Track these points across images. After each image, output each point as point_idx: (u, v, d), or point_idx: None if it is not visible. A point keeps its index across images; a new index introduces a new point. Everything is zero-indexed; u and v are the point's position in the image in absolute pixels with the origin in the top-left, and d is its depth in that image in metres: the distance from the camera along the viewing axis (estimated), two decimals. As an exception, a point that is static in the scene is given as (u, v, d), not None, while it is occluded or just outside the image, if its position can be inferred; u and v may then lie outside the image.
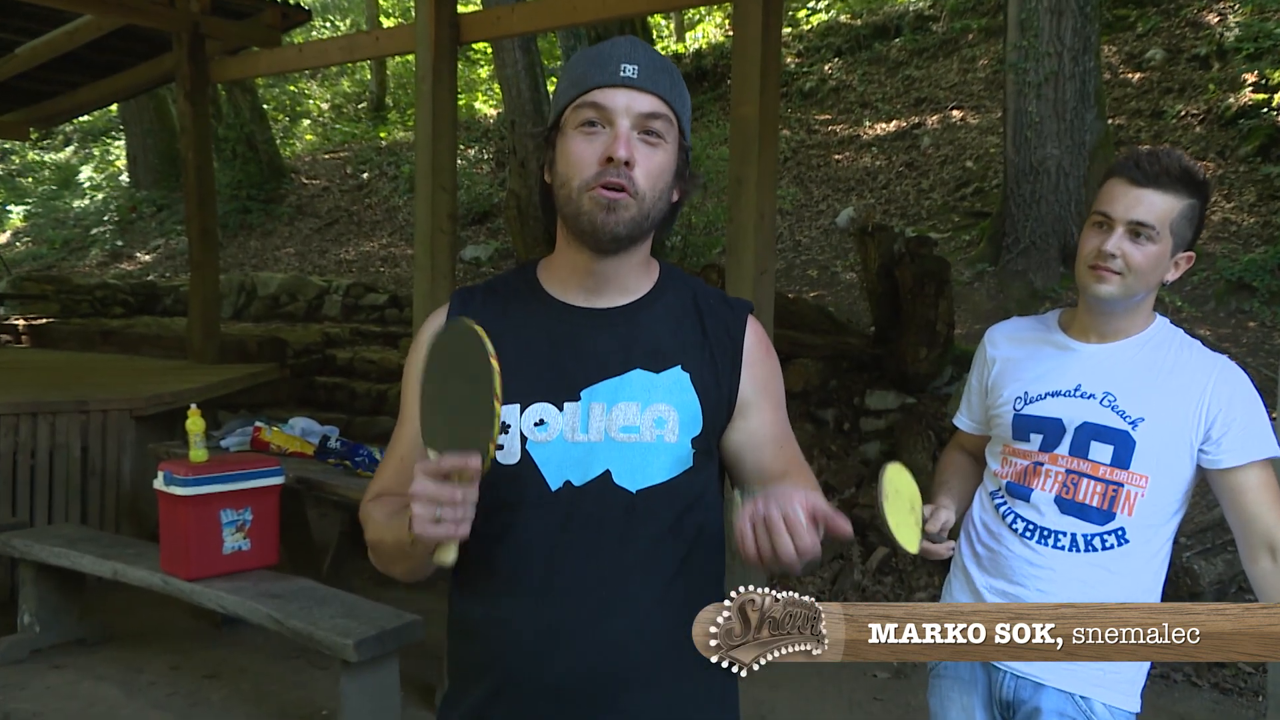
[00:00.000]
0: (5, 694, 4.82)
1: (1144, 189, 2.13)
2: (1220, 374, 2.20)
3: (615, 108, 1.51)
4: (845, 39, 15.12)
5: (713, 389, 1.62)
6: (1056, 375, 2.29)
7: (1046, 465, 2.27)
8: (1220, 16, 11.71)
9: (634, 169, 1.50)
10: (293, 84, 21.15)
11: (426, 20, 7.18)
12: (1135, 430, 2.18)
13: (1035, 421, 2.29)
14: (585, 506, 1.55)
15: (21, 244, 19.49)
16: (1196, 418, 2.17)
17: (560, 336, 1.61)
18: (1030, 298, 9.23)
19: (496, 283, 1.72)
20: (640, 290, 1.66)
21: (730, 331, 1.66)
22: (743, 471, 1.69)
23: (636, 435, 1.56)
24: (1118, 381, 2.22)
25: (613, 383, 1.58)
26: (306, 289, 12.24)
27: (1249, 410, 2.18)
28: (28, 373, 8.02)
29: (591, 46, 1.59)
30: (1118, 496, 2.20)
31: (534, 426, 1.56)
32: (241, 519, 4.68)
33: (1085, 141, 9.39)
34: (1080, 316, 2.32)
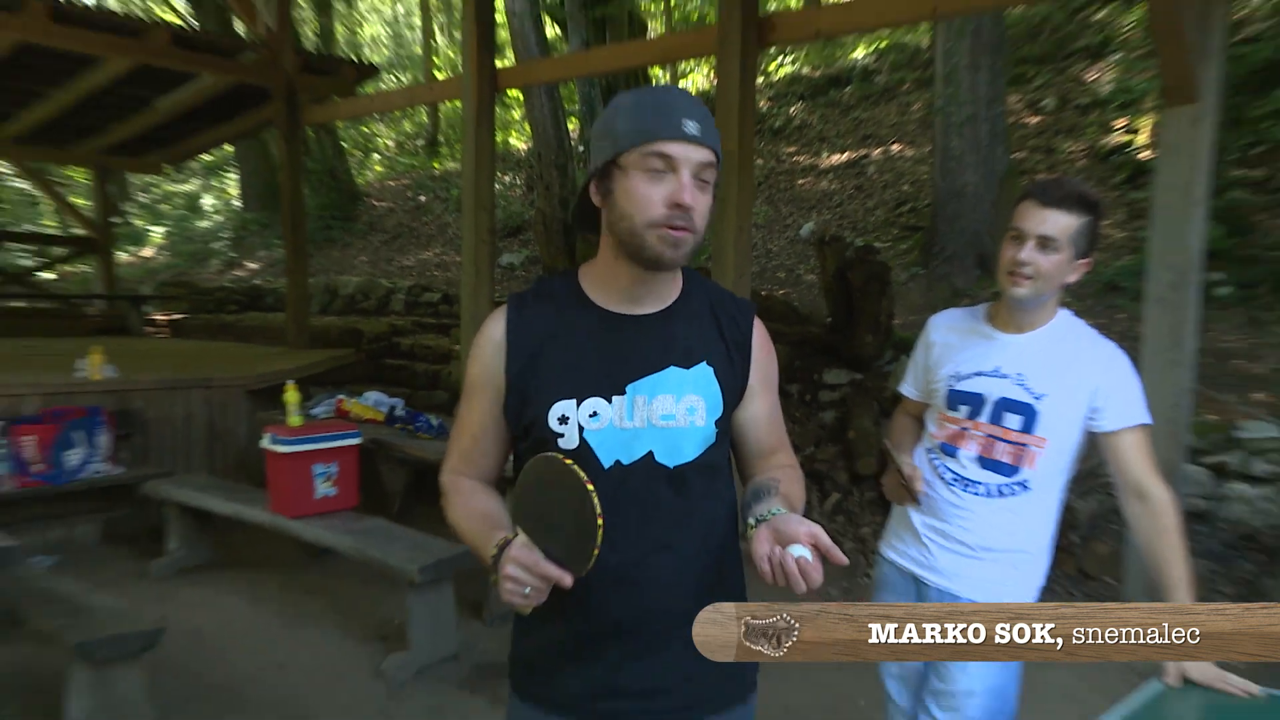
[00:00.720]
0: (160, 603, 4.89)
1: (1049, 209, 2.19)
2: (1107, 358, 2.28)
3: (680, 159, 1.45)
4: (807, 87, 15.10)
5: (730, 379, 1.61)
6: (981, 359, 2.35)
7: (970, 430, 2.33)
8: (1098, 74, 11.82)
9: (694, 212, 1.47)
10: (365, 125, 21.12)
11: (471, 73, 7.22)
12: (1039, 403, 2.25)
13: (964, 395, 2.35)
14: (633, 481, 1.54)
15: (161, 256, 19.57)
16: (1087, 393, 2.24)
17: (607, 340, 1.57)
18: (953, 295, 9.26)
19: (543, 289, 1.65)
20: (670, 298, 1.62)
21: (741, 330, 1.65)
22: (742, 442, 1.68)
23: (673, 421, 1.55)
24: (1027, 365, 2.28)
25: (652, 379, 1.56)
26: (376, 289, 12.26)
27: (1127, 386, 2.25)
28: (168, 358, 8.06)
29: (647, 92, 1.53)
30: (1023, 455, 2.28)
31: (589, 417, 1.54)
32: (329, 471, 4.75)
33: (996, 171, 9.43)
34: (1001, 311, 2.36)
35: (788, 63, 16.14)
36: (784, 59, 16.18)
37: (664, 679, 1.58)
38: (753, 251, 10.20)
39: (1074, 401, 2.25)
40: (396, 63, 25.05)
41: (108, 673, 3.26)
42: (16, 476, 5.35)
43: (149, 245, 20.45)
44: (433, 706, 3.81)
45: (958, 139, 9.28)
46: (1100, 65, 12.02)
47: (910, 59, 14.28)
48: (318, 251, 15.57)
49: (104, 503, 6.03)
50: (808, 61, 15.91)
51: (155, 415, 6.28)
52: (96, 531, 6.02)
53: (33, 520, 5.75)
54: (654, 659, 1.57)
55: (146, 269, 18.62)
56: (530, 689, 1.66)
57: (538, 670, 1.64)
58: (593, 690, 1.58)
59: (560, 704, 1.61)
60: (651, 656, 1.57)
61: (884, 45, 15.07)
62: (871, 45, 15.36)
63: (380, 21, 26.71)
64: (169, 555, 5.46)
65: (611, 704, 1.58)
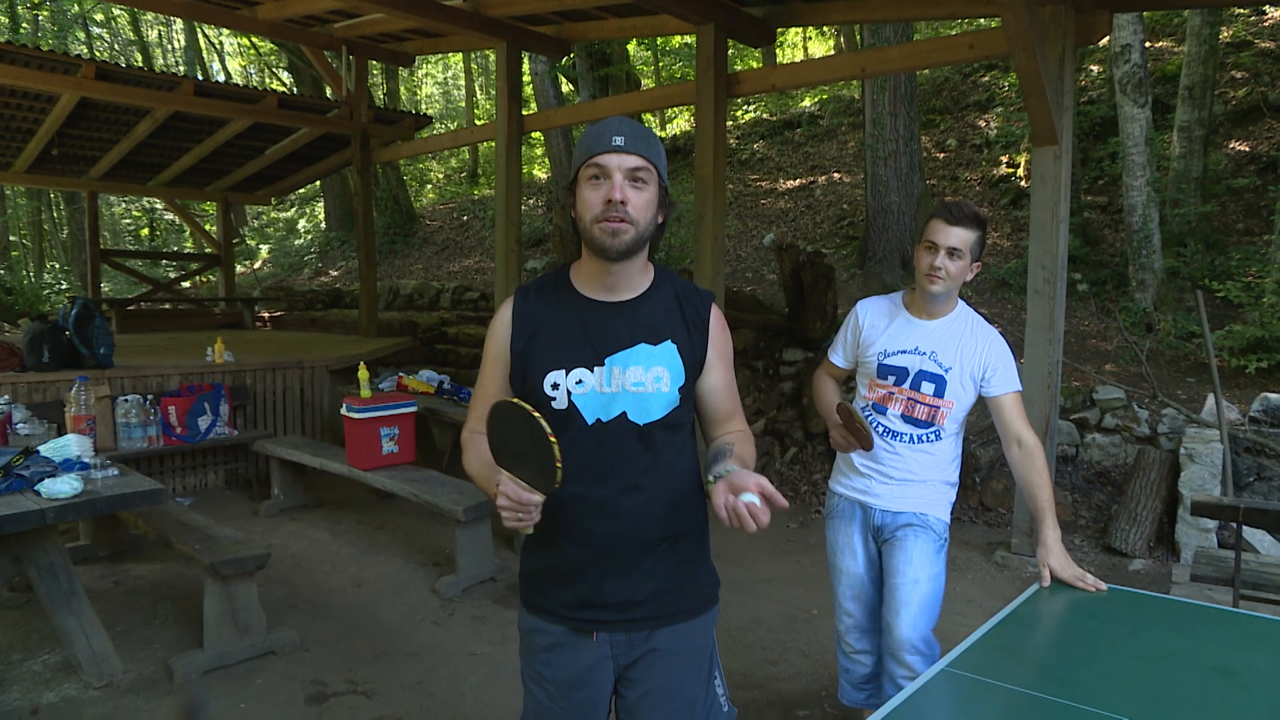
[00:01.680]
0: (267, 534, 4.94)
1: (954, 226, 2.25)
2: (993, 340, 2.34)
3: (610, 166, 1.44)
4: (766, 128, 14.97)
5: (689, 354, 1.57)
6: (904, 339, 2.38)
7: (896, 395, 2.37)
8: (986, 122, 11.85)
9: (628, 205, 1.44)
10: (421, 162, 21.03)
11: (503, 120, 7.17)
12: (947, 374, 2.32)
13: (891, 369, 2.38)
14: (610, 434, 1.53)
15: (266, 267, 19.61)
16: (978, 366, 2.32)
17: (589, 321, 1.55)
18: (883, 289, 9.18)
19: (544, 280, 1.63)
20: (641, 287, 1.58)
21: (700, 315, 1.60)
22: (703, 407, 1.64)
23: (643, 388, 1.53)
24: (938, 345, 2.34)
25: (625, 353, 1.53)
26: (429, 290, 12.20)
27: (1006, 361, 2.32)
28: (270, 345, 8.06)
29: (594, 124, 1.52)
30: (936, 413, 2.35)
31: (576, 384, 1.52)
32: (393, 433, 4.74)
33: (913, 194, 9.40)
34: (917, 301, 2.39)
35: (751, 110, 16.02)
36: (748, 107, 16.06)
37: (635, 593, 1.56)
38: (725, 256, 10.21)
39: (970, 373, 2.33)
40: (446, 113, 24.91)
41: (231, 585, 3.28)
42: (163, 436, 5.36)
43: (258, 259, 20.45)
44: (476, 616, 3.81)
45: (884, 169, 9.23)
46: (988, 115, 12.04)
47: (846, 107, 14.18)
48: (384, 261, 15.55)
49: (226, 457, 6.05)
50: (767, 108, 15.79)
51: (261, 389, 6.28)
52: (221, 479, 6.04)
53: (175, 470, 5.80)
54: (627, 577, 1.55)
55: (256, 277, 18.58)
56: (531, 600, 1.65)
57: (536, 586, 1.64)
58: (578, 602, 1.57)
59: (553, 613, 1.60)
60: (625, 575, 1.55)
61: (825, 97, 14.97)
62: (816, 97, 15.25)
63: (434, 83, 26.57)
64: (273, 498, 5.47)
65: (593, 614, 1.57)
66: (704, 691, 1.66)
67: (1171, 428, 5.11)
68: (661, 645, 1.59)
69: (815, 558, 4.59)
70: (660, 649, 1.59)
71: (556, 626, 1.60)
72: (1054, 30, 4.28)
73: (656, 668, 1.60)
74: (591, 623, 1.58)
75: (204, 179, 11.17)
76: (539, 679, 1.64)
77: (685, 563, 1.62)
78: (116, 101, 7.61)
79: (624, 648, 1.59)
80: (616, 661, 1.60)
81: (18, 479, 3.02)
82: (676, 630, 1.61)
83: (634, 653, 1.60)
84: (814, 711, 2.97)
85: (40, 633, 3.50)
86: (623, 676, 1.62)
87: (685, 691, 1.62)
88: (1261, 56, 10.08)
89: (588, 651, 1.59)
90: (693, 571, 1.64)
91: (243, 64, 23.80)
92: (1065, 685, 1.46)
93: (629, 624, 1.58)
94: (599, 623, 1.57)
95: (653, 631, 1.59)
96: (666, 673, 1.60)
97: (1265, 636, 1.71)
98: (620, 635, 1.59)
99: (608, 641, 1.59)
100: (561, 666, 1.61)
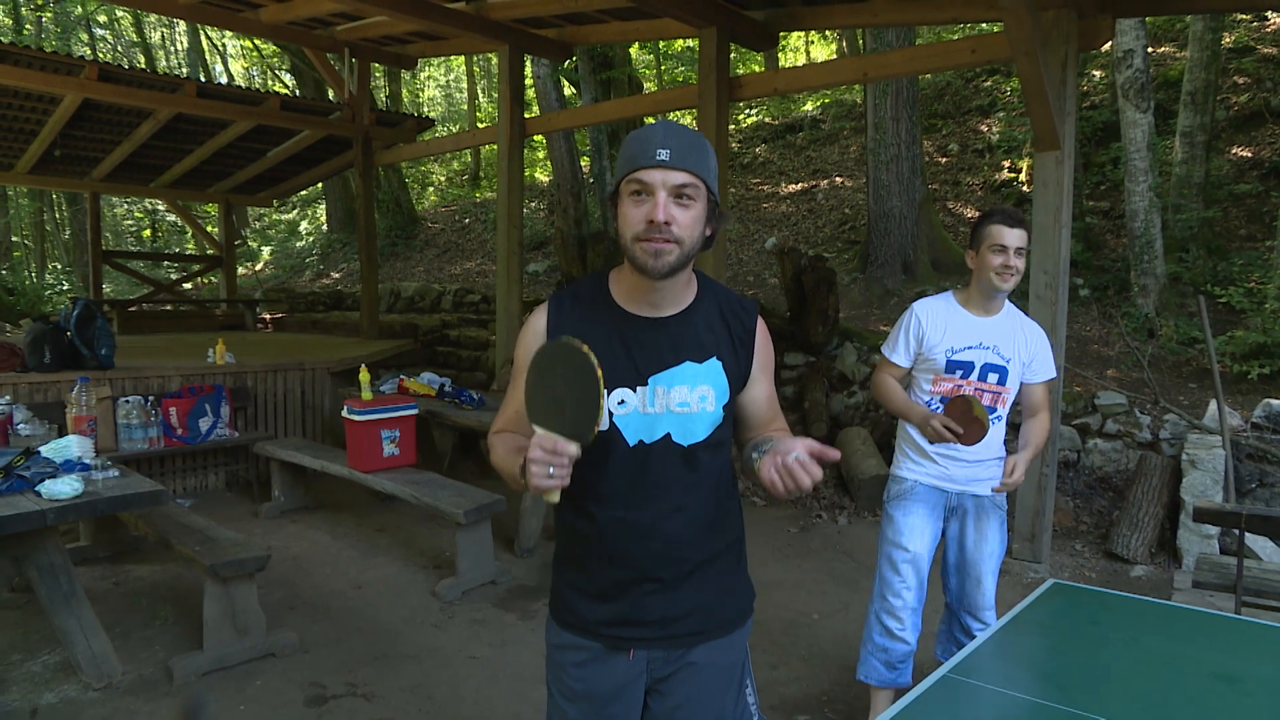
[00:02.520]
0: (268, 536, 4.94)
1: (1016, 228, 2.51)
2: (1038, 332, 2.65)
3: (654, 183, 1.35)
4: (768, 132, 14.98)
5: (735, 370, 1.52)
6: (967, 336, 2.58)
7: (964, 387, 2.58)
8: (989, 127, 11.85)
9: (673, 225, 1.36)
10: (423, 165, 21.04)
11: (505, 123, 7.18)
12: (1008, 365, 2.58)
13: (959, 364, 2.58)
14: (653, 457, 1.47)
15: (268, 269, 19.62)
16: (1027, 355, 2.61)
17: (631, 339, 1.47)
18: (884, 294, 9.22)
19: (580, 290, 1.54)
20: (685, 302, 1.51)
21: (746, 327, 1.54)
22: (745, 418, 1.59)
23: (688, 408, 1.47)
24: (999, 339, 2.58)
25: (670, 372, 1.47)
26: (430, 292, 12.21)
27: (1048, 351, 2.65)
28: (272, 346, 8.06)
29: (640, 129, 1.41)
30: (998, 399, 2.60)
31: (618, 404, 1.45)
32: (393, 435, 4.73)
33: (915, 199, 9.39)
34: (975, 299, 2.61)
35: (753, 113, 16.03)
36: (750, 110, 16.06)
37: (675, 610, 1.52)
38: (727, 260, 10.21)
39: (1022, 361, 2.60)
40: (448, 116, 24.93)
41: (231, 586, 3.28)
42: (164, 438, 5.36)
43: (260, 261, 20.47)
44: (476, 619, 3.81)
45: (885, 173, 9.23)
46: (989, 120, 12.04)
47: (848, 111, 14.19)
48: (385, 263, 15.55)
49: (226, 459, 6.04)
50: (769, 113, 15.79)
51: (262, 391, 6.28)
52: (221, 481, 6.04)
53: (175, 471, 5.79)
54: (668, 596, 1.51)
55: (257, 279, 18.59)
56: (564, 617, 1.60)
57: (569, 602, 1.58)
58: (616, 620, 1.53)
59: (588, 630, 1.55)
60: (666, 594, 1.51)
61: (827, 101, 14.97)
62: (818, 101, 15.26)
63: (436, 86, 26.60)
64: (274, 500, 5.47)
65: (631, 630, 1.53)
66: (734, 701, 1.63)
67: (1173, 433, 5.11)
68: (699, 659, 1.56)
69: (815, 563, 4.58)
70: (697, 663, 1.56)
71: (593, 643, 1.55)
72: (1056, 35, 4.29)
73: (691, 681, 1.56)
74: (630, 640, 1.53)
75: (206, 180, 11.19)
76: (571, 695, 1.58)
77: (726, 577, 1.59)
78: (119, 103, 7.62)
79: (661, 664, 1.55)
80: (650, 675, 1.57)
81: (18, 480, 3.02)
82: (714, 645, 1.57)
83: (670, 667, 1.56)
84: (815, 715, 2.96)
85: (40, 633, 3.50)
86: (654, 689, 1.58)
87: (717, 702, 1.59)
88: (1264, 62, 10.08)
89: (623, 668, 1.54)
90: (732, 585, 1.61)
91: (245, 66, 23.83)
92: (1067, 691, 1.45)
93: (668, 641, 1.54)
94: (638, 640, 1.53)
95: (691, 647, 1.55)
96: (700, 686, 1.56)
97: (1268, 644, 1.71)
98: (659, 652, 1.54)
99: (644, 658, 1.54)
100: (595, 683, 1.56)
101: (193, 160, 9.89)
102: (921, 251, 9.52)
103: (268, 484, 5.65)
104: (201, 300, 13.72)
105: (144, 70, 7.60)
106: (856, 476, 5.48)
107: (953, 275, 9.40)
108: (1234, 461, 4.67)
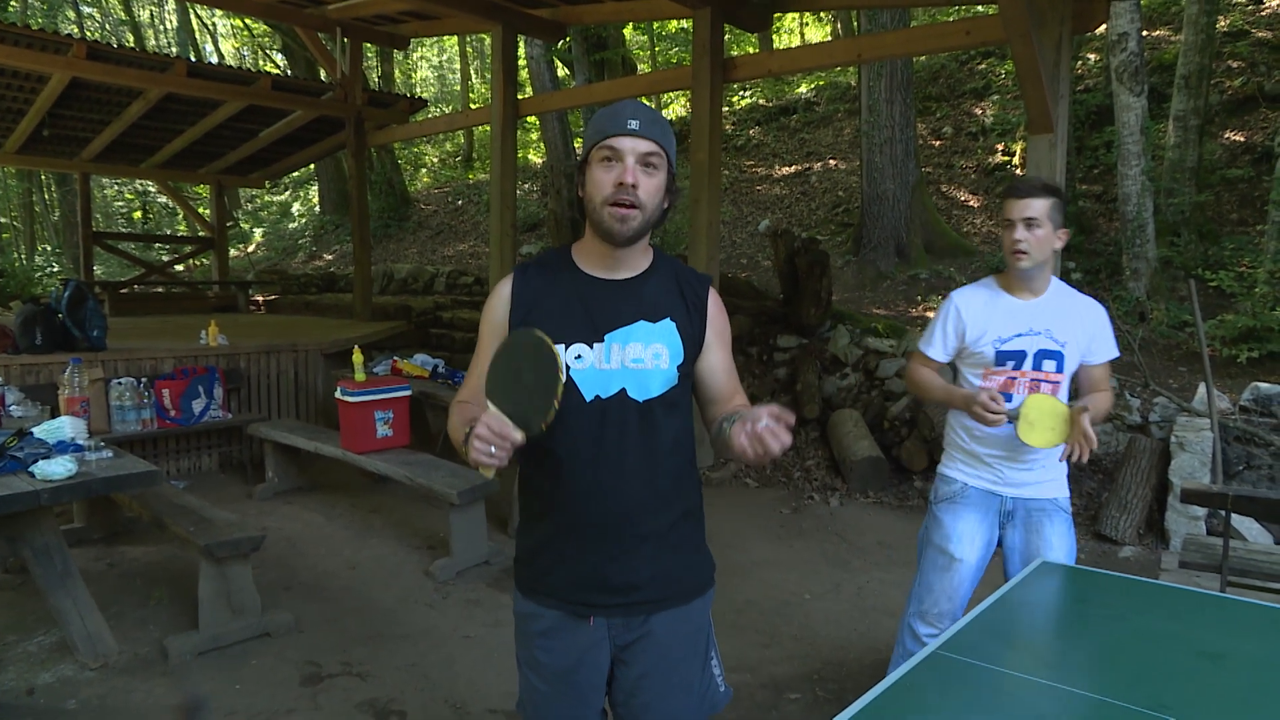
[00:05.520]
0: (262, 517, 4.94)
1: (1025, 198, 2.27)
2: (1097, 312, 2.38)
3: (624, 149, 1.44)
4: (763, 114, 14.93)
5: (689, 332, 1.56)
6: (1015, 322, 2.34)
7: (1019, 378, 2.34)
8: (982, 109, 11.83)
9: (639, 190, 1.44)
10: (416, 146, 20.91)
11: (498, 104, 7.14)
12: (1064, 349, 2.32)
13: (1009, 354, 2.34)
14: (610, 412, 1.51)
15: (260, 250, 19.53)
16: (1087, 336, 2.34)
17: (590, 298, 1.53)
18: (878, 277, 9.24)
19: (544, 258, 1.62)
20: (641, 267, 1.58)
21: (699, 296, 1.60)
22: (704, 388, 1.63)
23: (642, 365, 1.51)
24: (1049, 322, 2.33)
25: (625, 329, 1.52)
26: (423, 274, 12.16)
27: (1108, 329, 2.37)
28: (265, 328, 8.04)
29: (609, 106, 1.50)
30: (1057, 389, 2.34)
31: (575, 359, 1.50)
32: (387, 416, 4.73)
33: (908, 181, 9.39)
34: (1012, 282, 2.38)
35: (747, 95, 15.95)
36: (744, 92, 15.98)
37: (635, 577, 1.55)
38: (720, 242, 10.19)
39: (1080, 343, 2.34)
40: (441, 97, 24.75)
41: (226, 567, 3.29)
42: (157, 419, 5.35)
43: (252, 243, 20.36)
44: (470, 599, 3.83)
45: (879, 156, 9.21)
46: (983, 103, 12.01)
47: (842, 93, 14.14)
48: (378, 245, 15.49)
49: (220, 440, 6.04)
50: (763, 94, 15.72)
51: (255, 373, 6.26)
52: (215, 462, 6.04)
53: (169, 453, 5.78)
54: (627, 561, 1.54)
55: (250, 261, 18.50)
56: (527, 584, 1.64)
57: (532, 568, 1.62)
58: (576, 584, 1.56)
59: (550, 596, 1.59)
60: (625, 559, 1.54)
61: (821, 83, 14.91)
62: (812, 83, 15.19)
63: (429, 66, 26.39)
64: (267, 481, 5.47)
65: (590, 596, 1.56)
66: (700, 671, 1.66)
67: (1163, 416, 5.14)
68: (659, 627, 1.59)
69: (807, 543, 4.62)
70: (658, 631, 1.59)
71: (553, 611, 1.59)
72: (1051, 17, 4.27)
73: (654, 649, 1.59)
74: (589, 606, 1.57)
75: (197, 161, 11.07)
76: (535, 664, 1.63)
77: (684, 546, 1.62)
78: (108, 82, 7.52)
79: (621, 631, 1.59)
80: (614, 643, 1.60)
81: (12, 460, 3.02)
82: (674, 613, 1.60)
83: (631, 635, 1.59)
84: (805, 694, 2.99)
85: (36, 614, 3.50)
86: (619, 658, 1.61)
87: (682, 672, 1.62)
88: (1258, 46, 10.07)
89: (585, 635, 1.58)
90: (691, 555, 1.64)
91: (236, 45, 23.60)
92: (1054, 668, 1.47)
93: (627, 608, 1.57)
94: (597, 606, 1.57)
95: (650, 615, 1.58)
96: (664, 654, 1.60)
97: (1251, 621, 1.73)
98: (618, 620, 1.58)
99: (605, 625, 1.58)
100: (558, 651, 1.59)
101: (183, 141, 9.78)
102: (915, 234, 9.52)
103: (261, 465, 5.65)
104: (193, 282, 13.64)
105: (133, 49, 7.55)
106: (848, 458, 5.51)
107: (945, 258, 9.41)
108: (1222, 444, 4.71)
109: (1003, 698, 1.39)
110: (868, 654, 3.29)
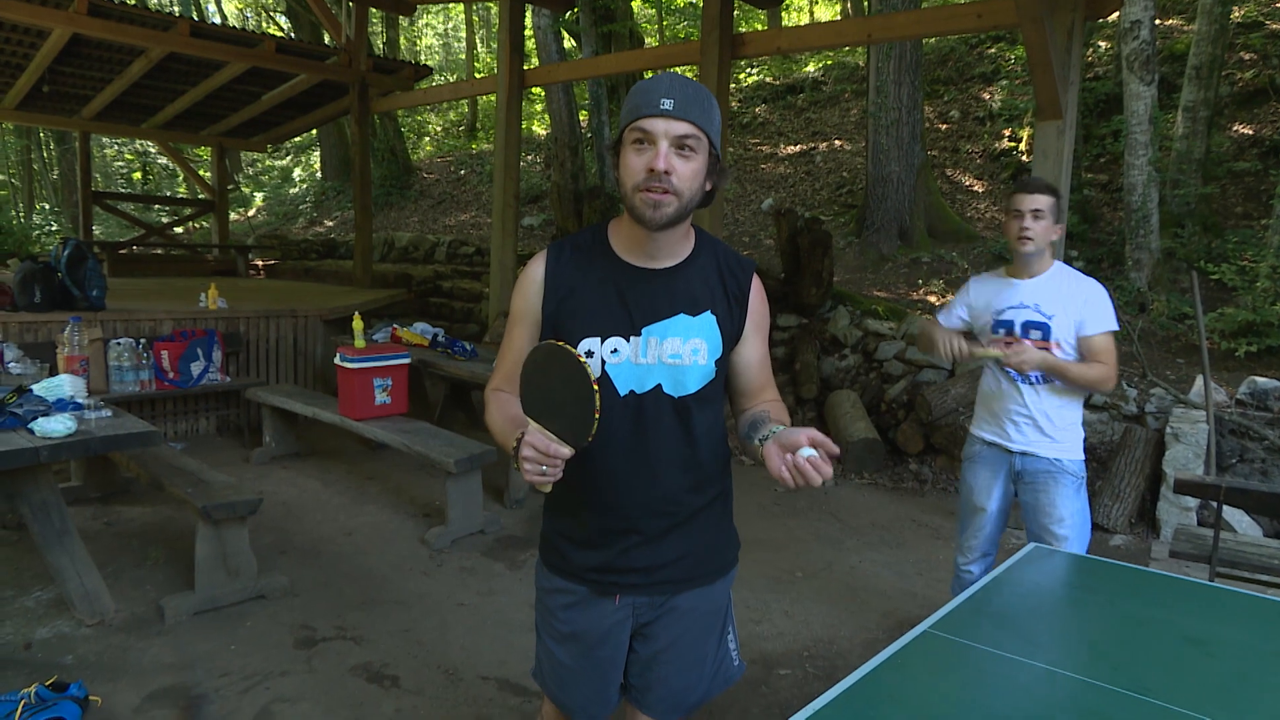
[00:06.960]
0: (259, 481, 4.96)
1: (1034, 194, 2.65)
2: (1090, 288, 2.64)
3: (656, 132, 1.34)
4: (769, 92, 14.83)
5: (728, 326, 1.52)
6: (1009, 298, 2.72)
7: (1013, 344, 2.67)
8: (990, 94, 11.74)
9: (673, 176, 1.35)
10: (420, 114, 20.76)
11: (504, 74, 7.08)
12: (1051, 321, 2.64)
13: (1001, 323, 2.72)
14: (645, 407, 1.47)
15: (261, 215, 19.47)
16: (1078, 310, 2.62)
17: (627, 289, 1.47)
18: (879, 259, 9.23)
19: (579, 240, 1.53)
20: (682, 255, 1.50)
21: (741, 286, 1.54)
22: (736, 379, 1.59)
23: (679, 360, 1.47)
24: (1040, 297, 2.67)
25: (664, 323, 1.46)
26: (424, 243, 12.14)
27: (1102, 304, 2.61)
28: (264, 293, 8.04)
29: (645, 80, 1.39)
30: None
31: (610, 353, 1.46)
32: (385, 383, 4.74)
33: (914, 164, 9.34)
34: (1016, 267, 2.74)
35: (754, 73, 15.82)
36: (752, 69, 15.86)
37: (660, 558, 1.55)
38: (724, 220, 10.18)
39: (1071, 316, 2.62)
40: (446, 65, 24.56)
41: (223, 529, 3.31)
42: (156, 380, 5.36)
43: (252, 207, 20.27)
44: (465, 568, 3.86)
45: (885, 137, 9.17)
46: (992, 87, 11.93)
47: (850, 74, 14.04)
48: (379, 212, 15.44)
49: (218, 404, 6.06)
50: (770, 72, 15.60)
51: (254, 337, 6.26)
52: (213, 425, 6.06)
53: (166, 415, 5.80)
54: (654, 547, 1.54)
55: (250, 225, 18.44)
56: (553, 561, 1.63)
57: (559, 548, 1.62)
58: (603, 567, 1.56)
59: (576, 575, 1.59)
60: (654, 544, 1.54)
61: (830, 62, 14.79)
62: (820, 62, 15.07)
63: (434, 34, 26.12)
64: (265, 445, 5.49)
65: (617, 576, 1.56)
66: (716, 646, 1.67)
67: (1159, 407, 5.16)
68: (682, 605, 1.59)
69: (801, 522, 4.65)
70: (680, 608, 1.60)
71: (580, 587, 1.59)
72: (1064, 2, 4.23)
73: (675, 625, 1.60)
74: (616, 586, 1.57)
75: (199, 123, 11.01)
76: (559, 637, 1.63)
77: (712, 528, 1.61)
78: (109, 39, 7.45)
79: (645, 609, 1.59)
80: (636, 620, 1.61)
81: (11, 417, 3.02)
82: (699, 592, 1.60)
83: (654, 613, 1.60)
84: (796, 671, 3.03)
85: (33, 570, 3.53)
86: (639, 632, 1.62)
87: (699, 647, 1.63)
88: (1272, 38, 9.99)
89: (609, 612, 1.59)
90: (718, 535, 1.63)
91: (239, 7, 23.33)
92: (1042, 649, 1.50)
93: (653, 588, 1.57)
94: (624, 586, 1.57)
95: (675, 594, 1.59)
96: (683, 631, 1.61)
97: (1237, 610, 1.76)
98: (643, 598, 1.58)
99: (630, 604, 1.58)
100: (582, 625, 1.60)
101: (185, 102, 9.71)
102: (918, 218, 9.49)
103: (259, 430, 5.66)
104: (193, 245, 13.60)
105: (136, 6, 7.42)
106: (845, 439, 5.53)
107: (948, 242, 9.40)
108: (1216, 436, 4.74)
109: (990, 677, 1.41)
110: (859, 632, 3.33)
